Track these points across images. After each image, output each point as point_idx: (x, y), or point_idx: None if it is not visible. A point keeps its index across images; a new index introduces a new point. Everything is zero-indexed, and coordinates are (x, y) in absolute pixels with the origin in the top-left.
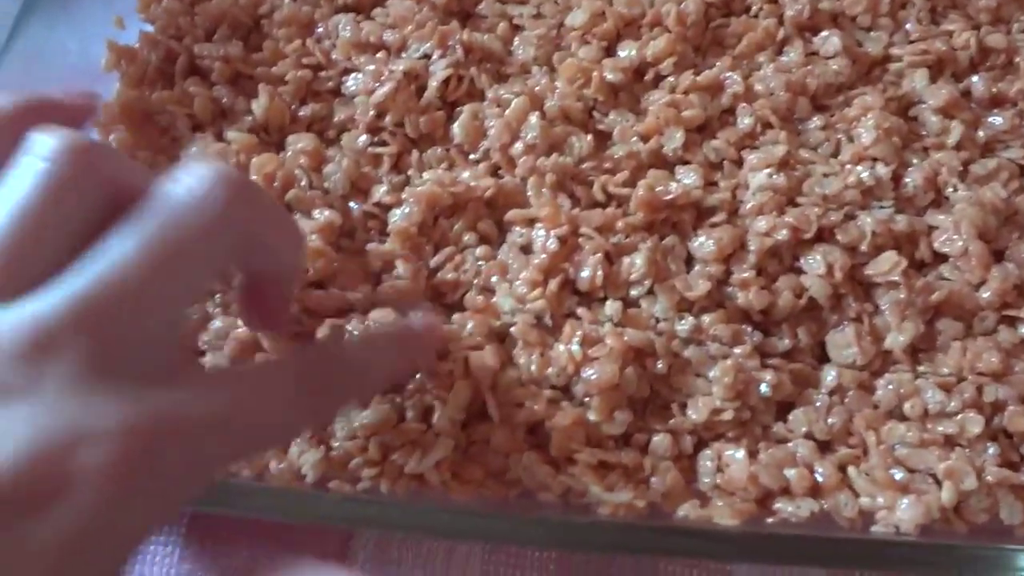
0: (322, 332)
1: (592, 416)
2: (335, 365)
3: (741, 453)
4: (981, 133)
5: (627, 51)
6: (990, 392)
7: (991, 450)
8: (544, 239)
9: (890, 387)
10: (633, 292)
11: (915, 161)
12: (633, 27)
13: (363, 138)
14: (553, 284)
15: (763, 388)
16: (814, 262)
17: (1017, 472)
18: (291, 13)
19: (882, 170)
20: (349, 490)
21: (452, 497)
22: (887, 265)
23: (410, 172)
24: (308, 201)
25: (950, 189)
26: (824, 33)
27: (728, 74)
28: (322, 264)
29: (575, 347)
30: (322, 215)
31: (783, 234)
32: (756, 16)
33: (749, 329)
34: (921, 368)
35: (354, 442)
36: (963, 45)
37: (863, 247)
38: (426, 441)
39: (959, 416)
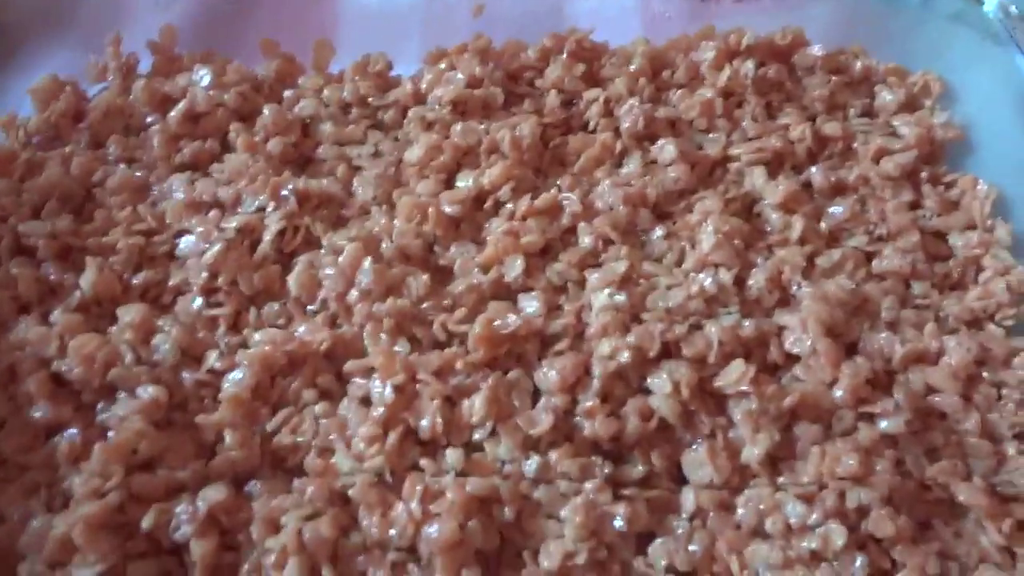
0: (148, 521)
1: None
2: None
3: None
4: (824, 224)
5: (465, 181)
6: (852, 497)
7: (859, 562)
8: (381, 390)
9: (750, 504)
10: (476, 435)
11: (759, 261)
12: (471, 156)
13: (198, 301)
14: (393, 437)
15: (617, 522)
16: (660, 381)
17: None
18: (124, 179)
19: (724, 276)
20: None
21: None
22: (735, 374)
23: (246, 332)
24: (133, 378)
25: (795, 286)
26: (661, 141)
27: (566, 194)
28: (147, 445)
29: (414, 504)
30: (146, 392)
31: (626, 356)
32: (594, 131)
33: (600, 460)
34: (781, 479)
35: None
36: (799, 138)
37: (711, 358)
38: None
39: (822, 528)
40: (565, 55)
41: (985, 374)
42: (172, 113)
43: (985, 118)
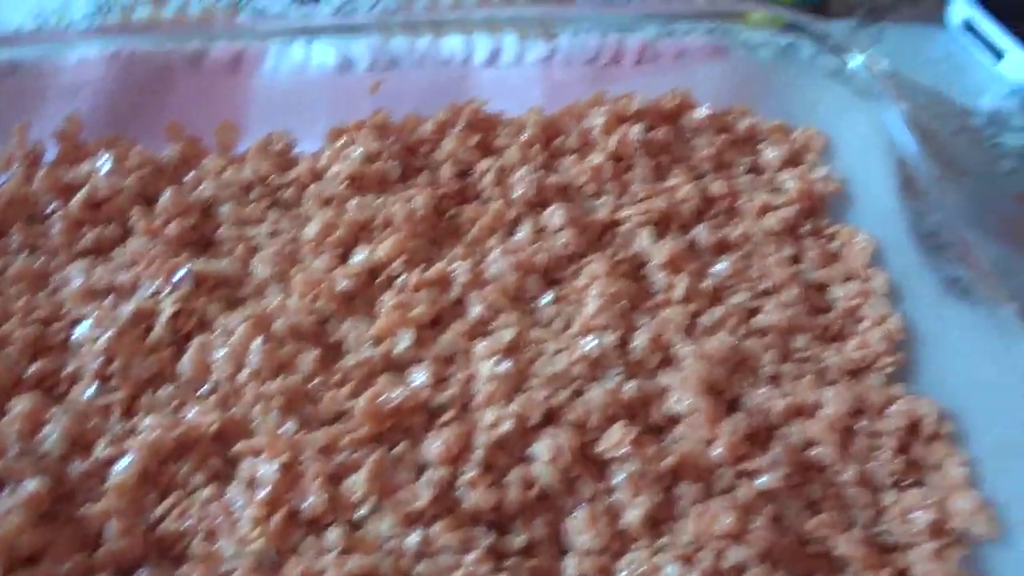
0: None
1: None
2: None
3: None
4: (708, 282)
5: (360, 256)
6: (730, 556)
7: None
8: (267, 470)
9: (631, 568)
10: (359, 513)
11: (644, 323)
12: (367, 231)
13: (92, 388)
14: (277, 518)
15: None
16: (541, 449)
17: None
18: (24, 268)
19: (607, 339)
20: None
21: None
22: (615, 438)
23: (137, 418)
24: (17, 472)
25: (676, 346)
26: (551, 207)
27: (455, 264)
28: (28, 540)
29: None
30: (29, 485)
31: (508, 425)
32: (487, 201)
33: (482, 531)
34: (662, 541)
35: None
36: (685, 197)
37: (592, 423)
38: None
39: None
40: (460, 127)
41: (863, 423)
42: (73, 200)
43: (861, 170)
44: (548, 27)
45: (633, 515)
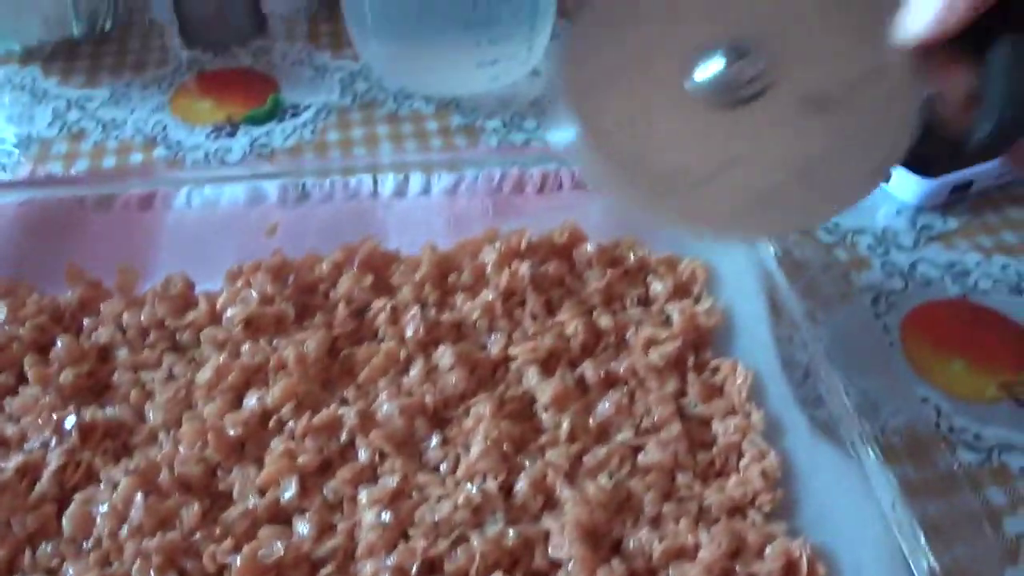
0: None
1: None
2: None
3: None
4: (592, 421)
5: (251, 401)
6: None
7: None
8: None
9: None
10: None
11: (527, 464)
12: (260, 375)
13: None
14: None
15: None
16: None
17: None
18: None
19: (490, 483)
20: None
21: None
22: None
23: None
24: None
25: (559, 489)
26: (441, 347)
27: (344, 409)
28: None
29: None
30: None
31: None
32: (382, 340)
33: None
34: None
35: None
36: (573, 333)
37: (472, 573)
38: None
39: None
40: (356, 266)
41: (739, 567)
42: None
43: (740, 302)
44: (455, 165)
45: None
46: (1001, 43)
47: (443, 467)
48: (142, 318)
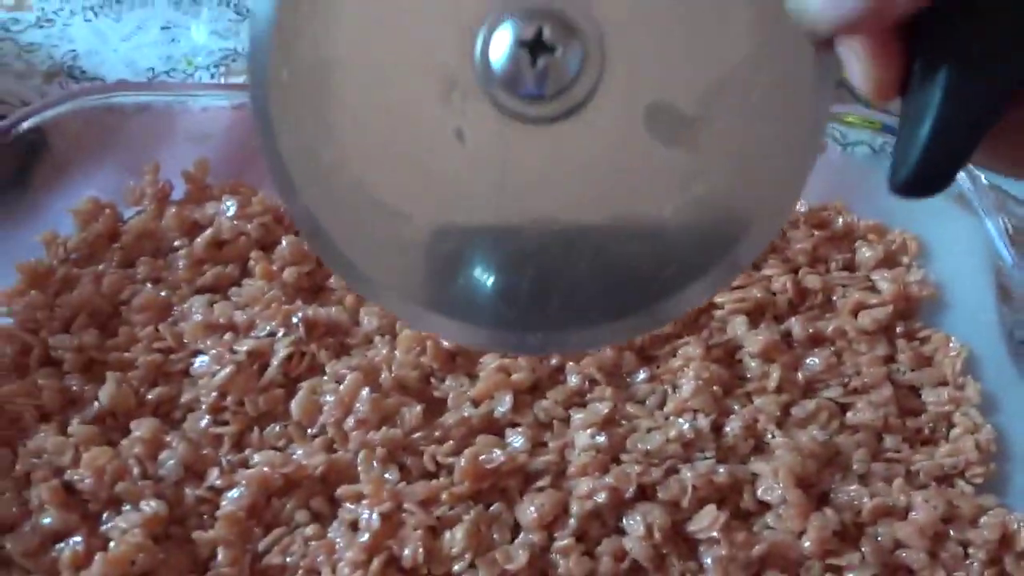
0: None
1: None
2: None
3: None
4: (801, 375)
5: None
6: None
7: None
8: (369, 516)
9: None
10: (455, 567)
11: (737, 408)
12: None
13: (205, 419)
14: (376, 564)
15: None
16: (634, 523)
17: None
18: (149, 298)
19: (702, 421)
20: None
21: None
22: (707, 520)
23: (248, 451)
24: (137, 492)
25: (769, 436)
26: None
27: None
28: (144, 558)
29: None
30: (148, 506)
31: (603, 496)
32: None
33: None
34: None
35: None
36: (780, 289)
37: (685, 503)
38: None
39: None
40: None
41: (952, 532)
42: (198, 239)
43: (957, 278)
44: None
45: None
46: (931, 71)
47: (650, 401)
48: None
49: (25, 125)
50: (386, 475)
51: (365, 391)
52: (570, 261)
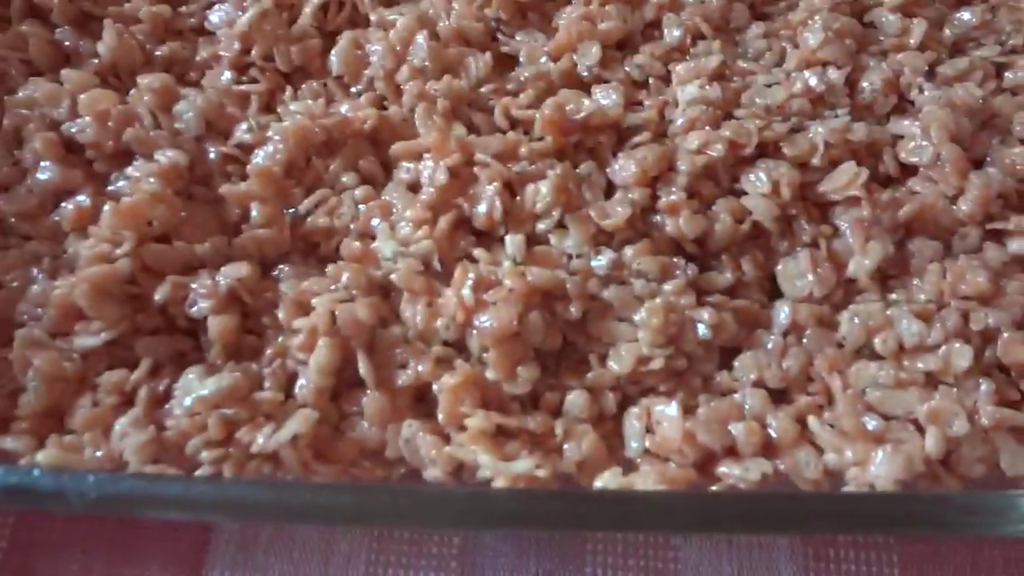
0: (161, 292)
1: (490, 374)
2: None
3: (675, 408)
4: (948, 32)
5: None
6: (979, 319)
7: (984, 387)
8: (432, 171)
9: (856, 320)
10: (540, 226)
11: (873, 64)
12: None
13: (227, 75)
14: (443, 222)
15: (701, 330)
16: (757, 180)
17: (1018, 411)
18: None
19: (834, 74)
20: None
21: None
22: (845, 178)
23: (280, 109)
24: (150, 142)
25: (915, 91)
26: None
27: None
28: (162, 213)
29: (466, 292)
30: (164, 156)
31: (718, 149)
32: None
33: (682, 262)
34: (893, 296)
35: (193, 419)
36: None
37: (815, 161)
38: (282, 413)
39: (942, 349)
40: None
41: None
42: None
43: None
44: None
45: (862, 264)
46: None
47: (765, 59)
48: None
49: None
50: (451, 129)
51: (421, 37)
52: None
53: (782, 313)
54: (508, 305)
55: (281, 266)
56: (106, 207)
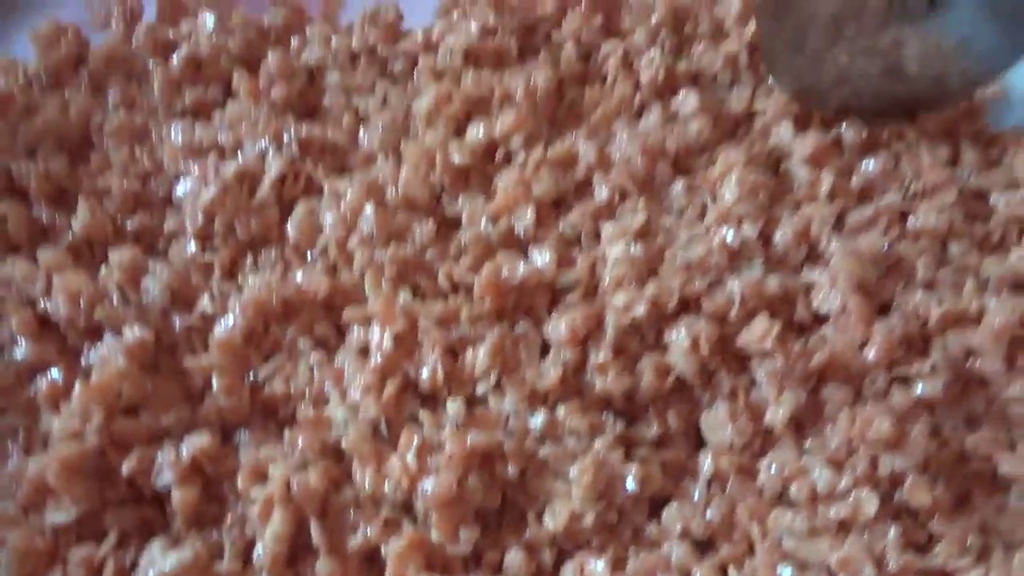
0: (128, 466)
1: (434, 536)
2: None
3: (602, 566)
4: (855, 180)
5: (476, 131)
6: (885, 463)
7: (892, 533)
8: (380, 338)
9: (773, 469)
10: (480, 388)
11: (785, 216)
12: (483, 106)
13: (192, 246)
14: (391, 387)
15: (629, 484)
16: (678, 336)
17: (924, 555)
18: (123, 124)
19: (748, 229)
20: None
21: None
22: (759, 331)
23: (240, 279)
24: (119, 318)
25: (824, 242)
26: (682, 92)
27: (581, 144)
28: (130, 387)
29: (410, 458)
30: (132, 332)
31: (642, 309)
32: (612, 84)
33: (611, 418)
34: (808, 444)
35: None
36: None
37: (732, 314)
38: None
39: (852, 496)
40: (583, 6)
41: None
42: (174, 58)
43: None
44: None
45: (777, 413)
46: None
47: (687, 213)
48: (352, 43)
49: None
50: (397, 296)
51: (369, 207)
52: None
53: (706, 463)
54: (449, 471)
55: (241, 430)
56: (77, 385)
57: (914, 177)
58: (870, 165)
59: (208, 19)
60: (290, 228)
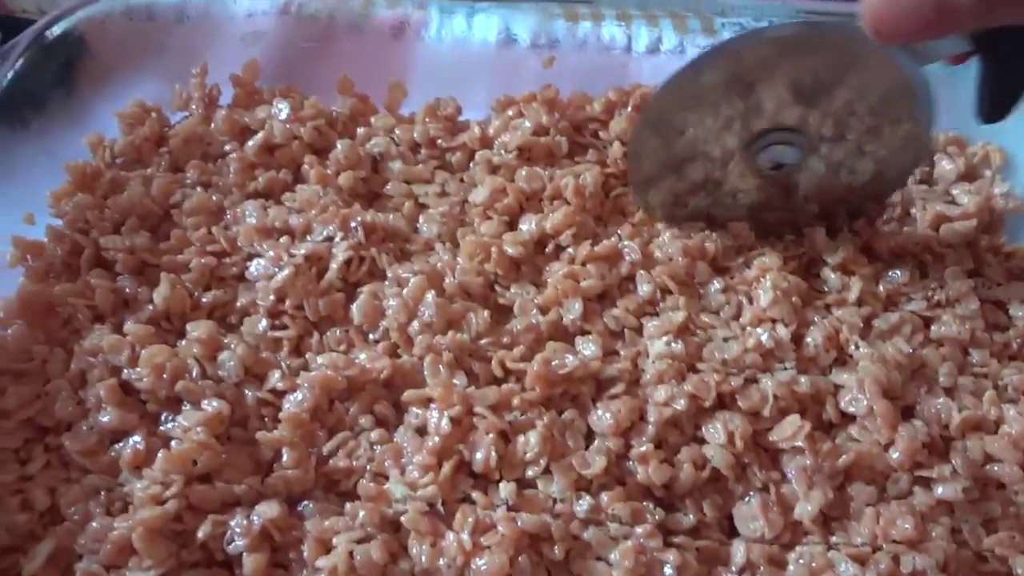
0: (204, 531)
1: None
2: None
3: None
4: (882, 287)
5: (528, 224)
6: (907, 562)
7: None
8: (438, 420)
9: (801, 561)
10: (529, 472)
11: (816, 320)
12: (535, 201)
13: (263, 323)
14: (447, 467)
15: (667, 570)
16: (714, 431)
17: None
18: (200, 202)
19: (782, 331)
20: None
21: None
22: (790, 430)
23: (308, 355)
24: (198, 392)
25: (852, 347)
26: None
27: (626, 242)
28: (207, 457)
29: (465, 536)
30: (210, 406)
31: (681, 404)
32: None
33: (651, 506)
34: (834, 538)
35: None
36: None
37: (765, 412)
38: None
39: None
40: (629, 108)
41: None
42: (250, 143)
43: None
44: (708, 20)
45: (806, 509)
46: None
47: (724, 312)
48: (415, 134)
49: (59, 28)
50: (454, 380)
51: (430, 295)
52: None
53: (738, 552)
54: (501, 550)
55: (306, 502)
56: (159, 454)
57: (938, 286)
58: (897, 273)
59: (282, 107)
60: (355, 311)
